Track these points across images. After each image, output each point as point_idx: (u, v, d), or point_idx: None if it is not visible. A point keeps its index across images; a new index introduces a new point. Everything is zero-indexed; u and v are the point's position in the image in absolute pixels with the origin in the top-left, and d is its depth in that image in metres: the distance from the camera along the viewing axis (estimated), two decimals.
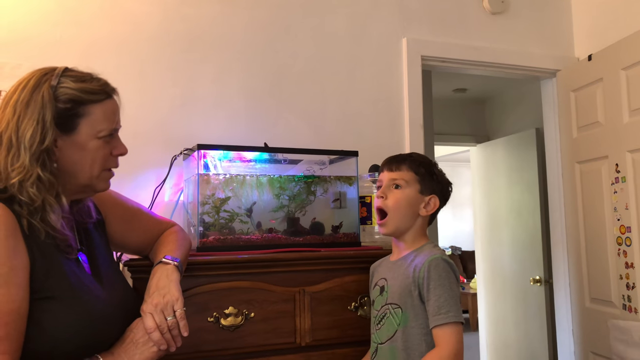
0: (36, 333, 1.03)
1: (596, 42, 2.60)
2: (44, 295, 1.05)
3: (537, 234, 3.78)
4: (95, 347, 1.10)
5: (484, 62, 2.59)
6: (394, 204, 1.49)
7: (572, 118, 2.64)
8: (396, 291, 1.45)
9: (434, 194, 1.52)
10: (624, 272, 2.27)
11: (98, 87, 1.15)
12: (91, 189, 1.20)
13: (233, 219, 1.73)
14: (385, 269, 1.55)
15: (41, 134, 1.07)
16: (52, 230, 1.08)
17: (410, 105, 2.39)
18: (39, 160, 1.07)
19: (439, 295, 1.37)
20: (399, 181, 1.51)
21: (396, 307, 1.44)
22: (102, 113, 1.15)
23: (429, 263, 1.40)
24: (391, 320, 1.44)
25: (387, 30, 2.42)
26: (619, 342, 2.22)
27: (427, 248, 1.49)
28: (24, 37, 1.88)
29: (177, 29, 2.08)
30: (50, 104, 1.08)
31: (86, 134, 1.13)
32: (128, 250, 1.48)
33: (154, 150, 1.96)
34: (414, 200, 1.50)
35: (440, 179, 1.55)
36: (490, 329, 4.43)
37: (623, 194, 2.29)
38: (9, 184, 1.05)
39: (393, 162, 1.54)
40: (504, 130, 4.59)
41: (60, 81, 1.11)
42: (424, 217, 1.52)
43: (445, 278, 1.39)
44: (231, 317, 1.51)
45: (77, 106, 1.11)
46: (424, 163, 1.54)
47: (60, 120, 1.10)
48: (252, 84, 2.17)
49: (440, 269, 1.40)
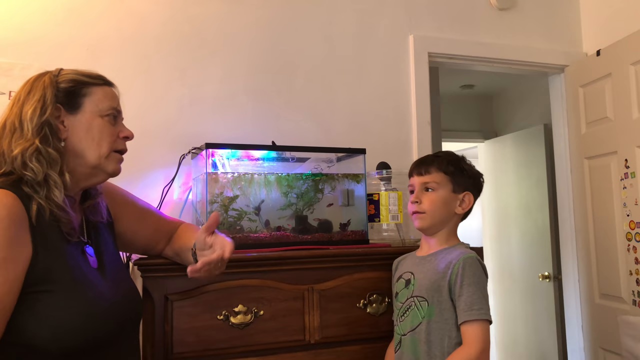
0: (36, 325, 1.03)
1: (605, 37, 2.58)
2: (45, 288, 1.05)
3: (546, 230, 3.76)
4: (95, 342, 1.10)
5: (491, 59, 2.58)
6: (430, 205, 1.51)
7: (581, 114, 2.62)
8: (424, 285, 1.46)
9: (467, 190, 1.53)
10: (633, 267, 2.26)
11: (97, 74, 1.24)
12: (101, 170, 1.22)
13: (241, 218, 1.74)
14: (412, 263, 1.56)
15: (41, 108, 1.13)
16: (56, 207, 1.09)
17: (418, 103, 2.39)
18: (40, 133, 1.11)
19: (473, 292, 1.40)
20: (431, 184, 1.52)
21: (422, 300, 1.45)
22: (103, 93, 1.22)
23: (465, 260, 1.43)
24: (416, 312, 1.46)
25: (394, 27, 2.42)
26: (629, 337, 2.21)
27: (460, 247, 1.52)
28: (33, 38, 1.89)
29: (184, 28, 2.09)
30: (51, 85, 1.16)
31: (90, 112, 1.19)
32: (136, 249, 1.49)
33: (162, 149, 1.97)
34: (449, 200, 1.52)
35: (471, 173, 1.56)
36: (500, 325, 4.42)
37: (632, 189, 2.27)
38: (12, 157, 1.09)
39: (422, 165, 1.55)
40: (512, 126, 4.57)
41: (60, 72, 1.20)
42: (459, 215, 1.54)
43: (479, 276, 1.42)
44: (241, 315, 1.52)
45: (79, 86, 1.19)
46: (452, 161, 1.54)
47: (66, 99, 1.17)
48: (260, 82, 2.17)
49: (474, 268, 1.43)
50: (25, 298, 1.03)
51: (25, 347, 1.02)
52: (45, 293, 1.05)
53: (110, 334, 1.14)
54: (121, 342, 1.18)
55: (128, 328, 1.22)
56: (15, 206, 1.04)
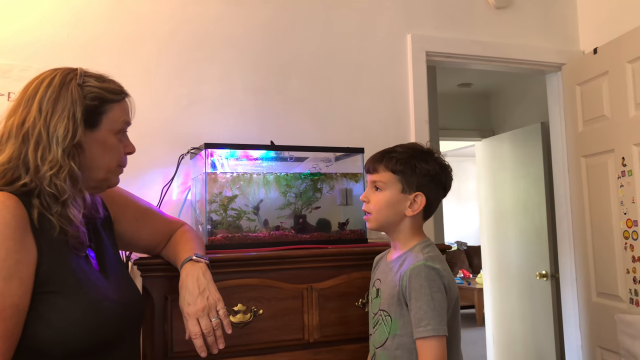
0: (39, 327, 1.03)
1: (602, 35, 2.59)
2: (49, 290, 1.05)
3: (543, 229, 3.77)
4: (99, 343, 1.10)
5: (488, 57, 2.59)
6: (375, 206, 1.42)
7: (578, 112, 2.63)
8: (387, 298, 1.40)
9: (420, 190, 1.40)
10: (630, 266, 2.27)
11: (117, 87, 1.22)
12: (106, 183, 1.23)
13: (240, 217, 1.74)
14: (382, 269, 1.49)
15: (73, 130, 1.11)
16: (68, 224, 1.09)
17: (415, 101, 2.40)
18: (70, 155, 1.10)
19: (419, 307, 1.30)
20: (379, 183, 1.43)
21: (386, 315, 1.39)
22: (120, 110, 1.21)
23: (410, 272, 1.33)
24: (383, 328, 1.40)
25: (392, 26, 2.42)
26: (626, 336, 2.22)
27: (416, 251, 1.40)
28: (32, 39, 1.89)
29: (183, 28, 2.09)
30: (80, 101, 1.13)
31: (106, 130, 1.18)
32: (137, 249, 1.49)
33: (161, 149, 1.97)
34: (396, 201, 1.41)
35: (426, 171, 1.41)
36: (497, 324, 4.43)
37: (629, 187, 2.28)
38: (38, 176, 1.07)
39: (371, 162, 1.46)
40: (509, 124, 4.58)
41: (85, 80, 1.16)
42: (413, 217, 1.42)
43: (426, 287, 1.30)
44: (240, 314, 1.53)
45: (102, 104, 1.17)
46: (403, 159, 1.41)
47: (87, 116, 1.14)
48: (258, 82, 2.18)
49: (421, 278, 1.31)
50: (30, 299, 1.03)
51: (29, 348, 1.03)
52: (49, 295, 1.05)
53: (113, 335, 1.14)
54: (124, 343, 1.19)
55: (131, 328, 1.22)
56: (18, 208, 1.04)
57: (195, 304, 1.23)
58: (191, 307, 1.23)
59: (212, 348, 1.24)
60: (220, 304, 1.26)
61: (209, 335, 1.23)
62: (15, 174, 1.08)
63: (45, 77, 1.15)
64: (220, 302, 1.26)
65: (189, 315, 1.23)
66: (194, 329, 1.22)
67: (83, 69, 1.18)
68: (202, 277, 1.27)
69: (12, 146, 1.09)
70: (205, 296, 1.24)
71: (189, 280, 1.27)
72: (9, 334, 0.98)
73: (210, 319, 1.23)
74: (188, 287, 1.26)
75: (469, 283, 7.30)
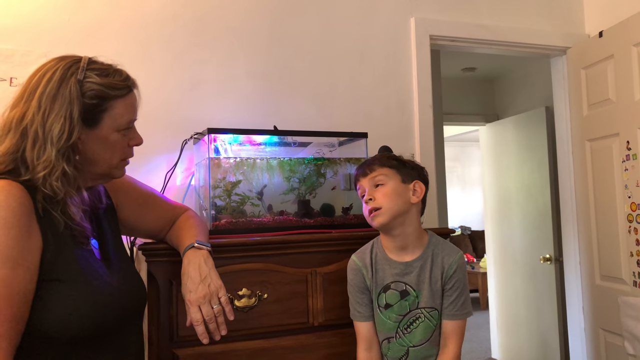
0: (42, 313, 1.04)
1: (607, 18, 2.56)
2: (53, 277, 1.06)
3: (547, 213, 3.78)
4: (102, 330, 1.12)
5: (493, 41, 2.56)
6: (384, 198, 1.46)
7: (583, 95, 2.61)
8: (429, 295, 1.48)
9: (416, 179, 1.51)
10: (634, 249, 2.28)
11: (121, 81, 1.17)
12: (109, 176, 1.23)
13: (244, 202, 1.75)
14: (396, 272, 1.50)
15: (69, 130, 1.08)
16: (71, 222, 1.11)
17: (419, 86, 2.38)
18: (65, 155, 1.09)
19: (462, 293, 1.48)
20: (379, 178, 1.48)
21: (432, 310, 1.48)
22: (124, 107, 1.17)
23: (458, 262, 1.49)
24: (428, 323, 1.48)
25: (396, 10, 2.40)
26: (629, 318, 2.23)
27: (441, 242, 1.53)
28: (33, 23, 1.88)
29: (184, 12, 2.07)
30: (77, 100, 1.09)
31: (108, 127, 1.15)
32: (140, 234, 1.50)
33: (164, 135, 1.97)
34: (401, 190, 1.48)
35: (414, 165, 1.55)
36: (501, 307, 4.45)
37: (634, 171, 2.28)
38: (35, 175, 1.07)
39: (364, 166, 1.53)
40: (513, 109, 4.56)
41: (86, 75, 1.12)
42: (417, 206, 1.50)
43: (466, 275, 1.51)
44: (245, 298, 1.54)
45: (102, 102, 1.13)
46: (392, 157, 1.54)
47: (86, 115, 1.11)
48: (261, 66, 2.17)
49: (464, 268, 1.50)
50: (35, 287, 1.05)
51: (34, 335, 1.04)
52: (53, 282, 1.06)
53: (116, 322, 1.16)
54: (127, 329, 1.20)
55: (133, 315, 1.23)
56: (24, 197, 1.05)
57: (196, 291, 1.24)
58: (193, 295, 1.24)
59: (214, 334, 1.25)
60: (221, 291, 1.27)
61: (211, 322, 1.24)
62: (14, 167, 1.08)
63: (48, 68, 1.12)
64: (221, 289, 1.27)
65: (191, 303, 1.24)
66: (195, 316, 1.23)
67: (88, 59, 1.15)
68: (204, 265, 1.28)
69: (11, 140, 1.08)
70: (206, 283, 1.25)
71: (191, 267, 1.27)
72: (17, 320, 1.00)
73: (212, 306, 1.24)
74: (190, 274, 1.26)
75: (473, 267, 7.31)
